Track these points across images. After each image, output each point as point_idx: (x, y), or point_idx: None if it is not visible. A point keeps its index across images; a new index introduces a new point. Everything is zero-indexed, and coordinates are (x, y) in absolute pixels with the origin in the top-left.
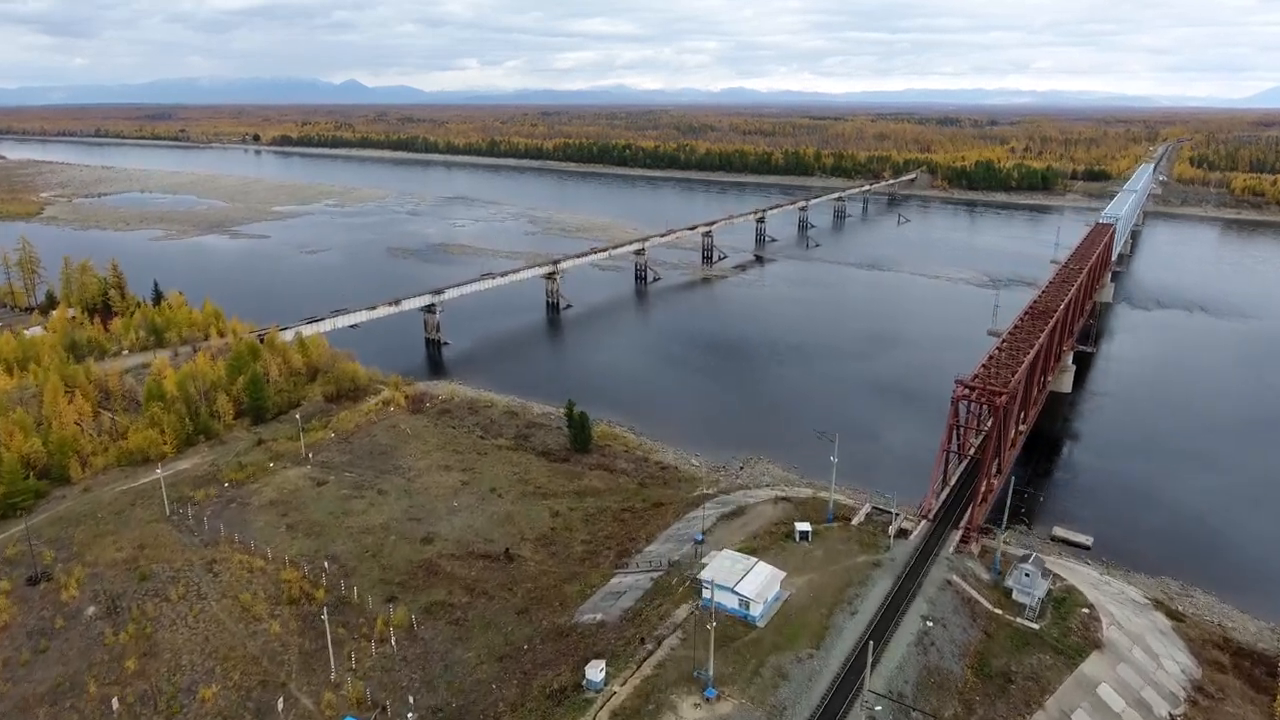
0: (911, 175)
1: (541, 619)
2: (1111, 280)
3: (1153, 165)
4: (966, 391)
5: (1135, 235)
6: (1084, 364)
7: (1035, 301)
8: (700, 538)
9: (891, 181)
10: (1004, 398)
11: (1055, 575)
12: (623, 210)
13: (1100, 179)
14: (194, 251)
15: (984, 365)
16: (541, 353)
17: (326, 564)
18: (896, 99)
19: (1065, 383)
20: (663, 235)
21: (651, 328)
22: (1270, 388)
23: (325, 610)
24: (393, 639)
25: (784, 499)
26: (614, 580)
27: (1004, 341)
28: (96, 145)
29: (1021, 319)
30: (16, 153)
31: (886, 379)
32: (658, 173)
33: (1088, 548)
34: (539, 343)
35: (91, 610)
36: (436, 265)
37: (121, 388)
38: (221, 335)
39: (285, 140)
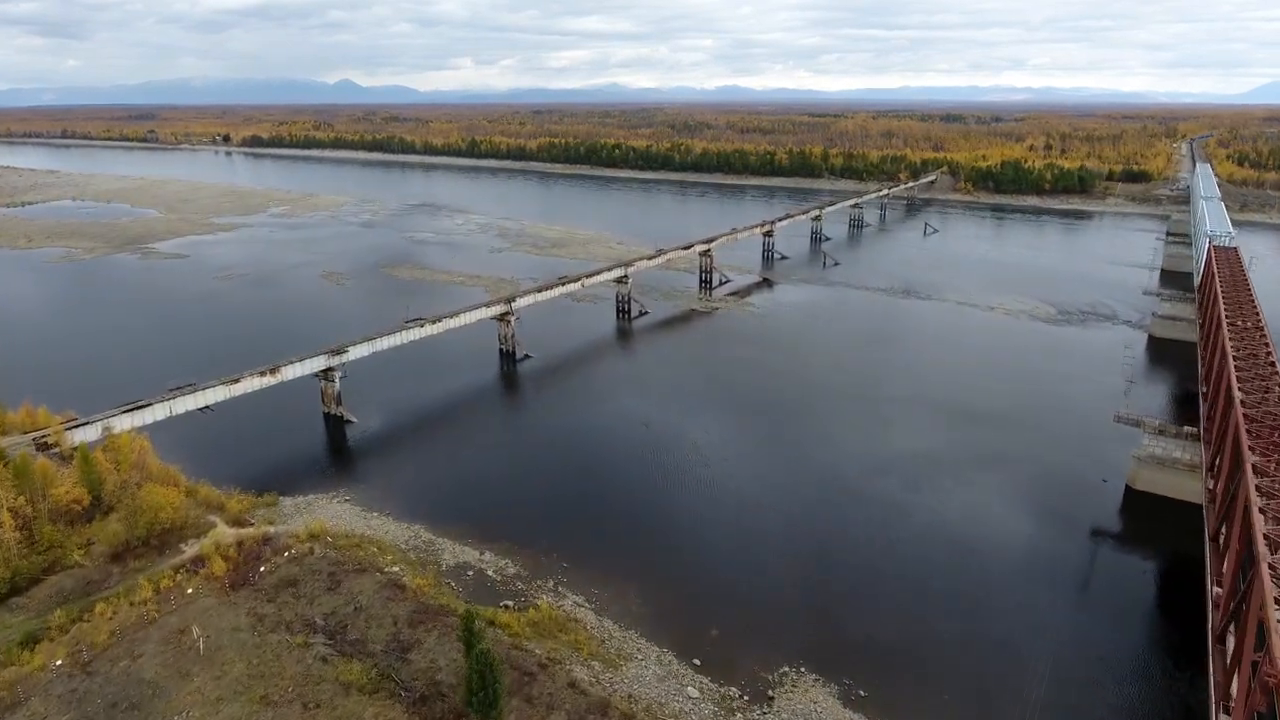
0: (931, 177)
1: None
2: None
3: (1209, 165)
4: None
5: None
6: None
7: (1244, 401)
8: None
9: (911, 184)
10: None
11: None
12: (610, 218)
13: (1141, 180)
14: (80, 279)
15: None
16: (477, 437)
17: None
18: (892, 96)
19: None
20: (651, 258)
21: (630, 391)
22: None
23: None
24: None
25: None
26: None
27: (1241, 521)
28: (63, 147)
29: (1256, 450)
30: None
31: (976, 496)
32: (650, 174)
33: None
34: (478, 418)
35: None
36: (375, 296)
37: None
38: None
39: (256, 141)
